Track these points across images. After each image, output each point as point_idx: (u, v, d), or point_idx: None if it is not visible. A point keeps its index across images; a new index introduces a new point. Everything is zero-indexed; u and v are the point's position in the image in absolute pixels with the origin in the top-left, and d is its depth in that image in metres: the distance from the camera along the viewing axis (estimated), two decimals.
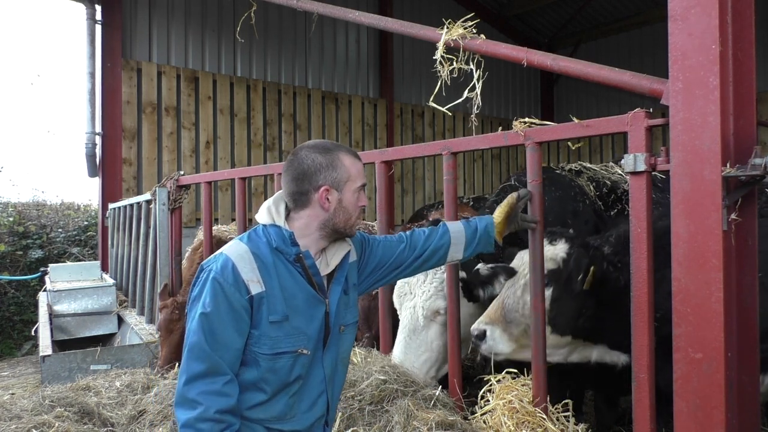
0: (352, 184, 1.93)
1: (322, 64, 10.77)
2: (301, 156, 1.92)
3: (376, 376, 2.94)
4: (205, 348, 1.72)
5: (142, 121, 8.74)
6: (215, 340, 1.74)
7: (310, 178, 1.89)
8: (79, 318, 6.23)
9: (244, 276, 1.78)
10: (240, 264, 1.80)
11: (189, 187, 5.72)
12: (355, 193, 1.95)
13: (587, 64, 2.54)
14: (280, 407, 1.85)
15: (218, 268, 1.79)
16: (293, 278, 1.87)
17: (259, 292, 1.79)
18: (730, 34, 1.98)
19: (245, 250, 1.84)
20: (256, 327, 1.80)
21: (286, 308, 1.83)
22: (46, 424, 3.15)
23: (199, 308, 1.76)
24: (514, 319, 2.71)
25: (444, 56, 3.04)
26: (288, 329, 1.84)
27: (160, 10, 9.01)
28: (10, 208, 9.74)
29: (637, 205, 2.22)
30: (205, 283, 1.79)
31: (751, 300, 2.04)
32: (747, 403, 2.05)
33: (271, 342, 1.81)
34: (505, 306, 2.75)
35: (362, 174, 1.99)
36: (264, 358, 1.81)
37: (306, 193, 1.90)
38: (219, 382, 1.73)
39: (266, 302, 1.80)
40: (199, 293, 1.79)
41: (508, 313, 2.73)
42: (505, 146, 2.99)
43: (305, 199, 1.90)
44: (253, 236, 1.91)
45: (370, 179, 11.53)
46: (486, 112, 13.14)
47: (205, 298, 1.76)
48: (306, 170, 1.89)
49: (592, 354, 2.82)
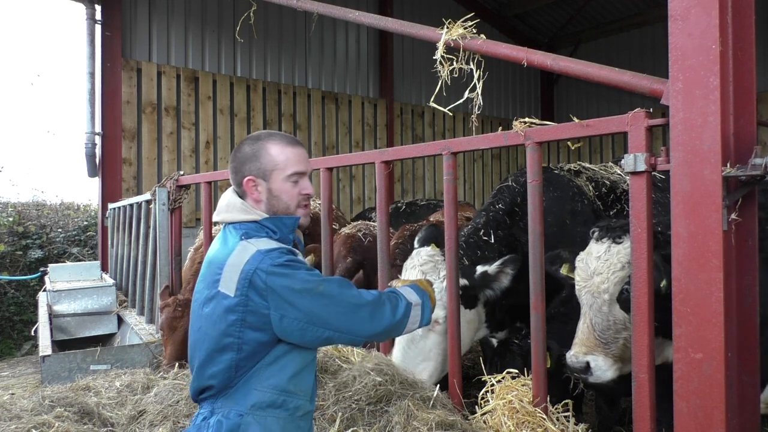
0: (280, 173, 1.91)
1: (322, 64, 10.77)
2: (237, 148, 1.97)
3: (373, 377, 2.94)
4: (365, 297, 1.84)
5: (142, 121, 8.74)
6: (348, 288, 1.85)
7: (240, 169, 1.92)
8: (79, 318, 6.23)
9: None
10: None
11: (189, 187, 5.72)
12: (287, 181, 1.92)
13: (587, 64, 2.54)
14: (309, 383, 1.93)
15: (277, 255, 1.78)
16: None
17: None
18: (730, 34, 1.98)
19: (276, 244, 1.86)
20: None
21: None
22: (46, 424, 3.15)
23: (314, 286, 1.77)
24: (610, 338, 2.49)
25: (444, 56, 3.04)
26: None
27: (160, 10, 9.01)
28: (9, 208, 9.74)
29: (637, 205, 2.22)
30: (281, 267, 1.76)
31: (751, 300, 2.04)
32: (747, 403, 2.05)
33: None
34: (596, 328, 2.51)
35: (295, 161, 1.93)
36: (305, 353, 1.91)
37: (239, 184, 1.93)
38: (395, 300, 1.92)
39: None
40: (296, 272, 1.77)
41: (601, 335, 2.50)
42: (505, 146, 2.99)
43: (241, 191, 1.94)
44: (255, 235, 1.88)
45: (370, 179, 11.43)
46: (486, 112, 13.14)
47: (305, 275, 1.78)
48: (237, 162, 1.93)
49: (670, 353, 2.46)
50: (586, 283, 2.56)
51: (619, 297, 2.47)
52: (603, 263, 2.52)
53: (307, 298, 1.76)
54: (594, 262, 2.54)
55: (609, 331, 2.48)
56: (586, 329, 2.54)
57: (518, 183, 3.56)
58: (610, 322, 2.48)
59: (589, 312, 2.54)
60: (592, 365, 2.47)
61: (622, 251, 2.48)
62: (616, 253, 2.50)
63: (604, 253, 2.54)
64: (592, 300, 2.53)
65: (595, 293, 2.52)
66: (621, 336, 2.47)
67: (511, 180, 3.72)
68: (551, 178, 3.69)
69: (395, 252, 4.19)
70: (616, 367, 2.49)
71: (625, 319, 2.45)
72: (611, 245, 2.53)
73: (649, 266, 2.19)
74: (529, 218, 2.73)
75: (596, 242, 2.61)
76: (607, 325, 2.49)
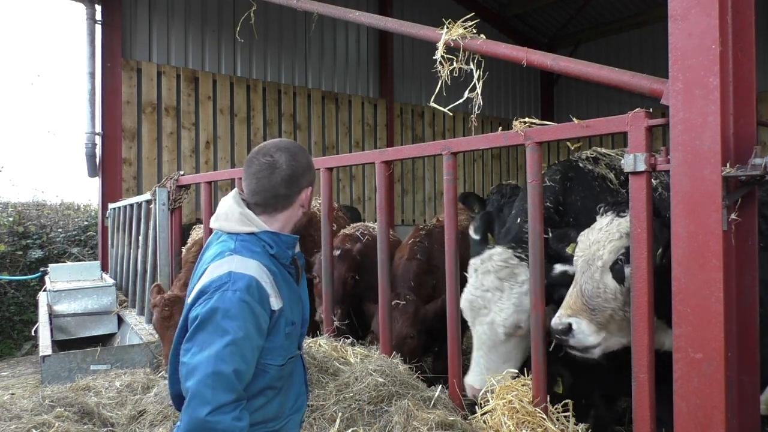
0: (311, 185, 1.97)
1: (322, 64, 10.77)
2: (282, 160, 1.85)
3: (375, 377, 2.94)
4: (233, 379, 1.62)
5: (142, 121, 8.74)
6: (245, 366, 1.66)
7: (299, 181, 1.87)
8: (79, 318, 6.23)
9: (268, 291, 1.73)
10: (262, 280, 1.72)
11: (189, 187, 5.72)
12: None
13: (587, 64, 2.54)
14: (275, 407, 1.84)
15: (243, 287, 1.67)
16: (286, 282, 1.86)
17: (280, 306, 1.76)
18: (730, 34, 1.98)
19: (257, 265, 1.75)
20: (271, 340, 1.76)
21: (292, 315, 1.83)
22: (46, 424, 3.15)
23: (224, 333, 1.63)
24: (598, 306, 2.47)
25: (444, 56, 3.04)
26: (295, 334, 1.85)
27: (160, 10, 9.01)
28: (10, 208, 9.73)
29: (637, 205, 2.22)
30: (230, 304, 1.65)
31: (751, 300, 2.04)
32: (747, 403, 2.06)
33: (284, 352, 1.80)
34: (585, 293, 2.50)
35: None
36: (275, 369, 1.78)
37: (291, 195, 1.87)
38: (239, 407, 1.66)
39: (284, 314, 1.78)
40: (217, 313, 1.65)
41: (589, 301, 2.48)
42: (505, 146, 2.99)
43: (288, 202, 1.88)
44: (249, 247, 1.80)
45: (370, 179, 11.40)
46: (486, 112, 13.14)
47: (231, 322, 1.63)
48: (293, 173, 1.86)
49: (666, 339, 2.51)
50: (583, 253, 2.57)
51: (612, 266, 2.47)
52: (603, 234, 2.53)
53: (200, 334, 1.66)
54: (595, 234, 2.55)
55: (597, 298, 2.47)
56: (575, 294, 2.55)
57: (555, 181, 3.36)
58: (600, 290, 2.47)
59: (581, 278, 2.55)
60: (574, 327, 2.46)
61: (623, 223, 2.47)
62: (617, 224, 2.50)
63: (606, 225, 2.55)
64: (586, 267, 2.54)
65: (589, 260, 2.52)
66: (609, 306, 2.46)
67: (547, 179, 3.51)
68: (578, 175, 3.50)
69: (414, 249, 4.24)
70: (600, 335, 2.46)
71: (616, 289, 2.45)
72: (614, 218, 2.54)
73: (649, 267, 2.19)
74: (529, 218, 2.74)
75: (601, 216, 2.63)
76: (597, 292, 2.48)
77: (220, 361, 1.61)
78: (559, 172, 3.30)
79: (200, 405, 1.59)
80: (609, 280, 2.47)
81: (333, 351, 3.39)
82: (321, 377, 3.10)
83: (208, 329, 1.65)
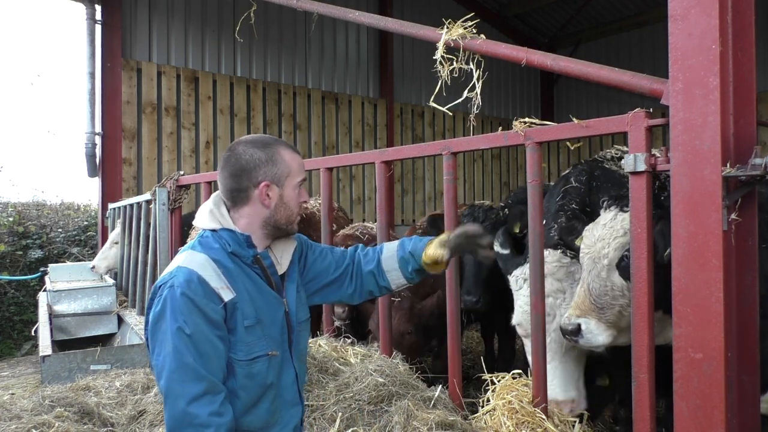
0: (292, 180, 1.87)
1: (322, 64, 10.77)
2: (238, 151, 1.84)
3: (375, 377, 2.94)
4: (197, 368, 1.64)
5: (142, 121, 8.74)
6: (205, 358, 1.66)
7: (249, 174, 1.82)
8: (79, 318, 6.22)
9: (213, 284, 1.72)
10: (205, 273, 1.72)
11: (189, 187, 5.72)
12: (296, 189, 1.89)
13: (587, 64, 2.54)
14: (262, 415, 1.81)
15: (183, 282, 1.69)
16: (252, 281, 1.83)
17: (232, 298, 1.74)
18: (730, 34, 1.98)
19: (204, 258, 1.76)
20: (232, 333, 1.76)
21: (255, 311, 1.80)
22: (46, 424, 3.15)
23: (173, 327, 1.65)
24: (606, 304, 2.46)
25: (444, 56, 3.04)
26: (259, 332, 1.81)
27: (160, 10, 9.01)
28: (10, 208, 9.73)
29: (637, 205, 2.22)
30: (171, 300, 1.68)
31: (751, 300, 2.04)
32: (747, 403, 2.05)
33: (246, 347, 1.77)
34: (592, 292, 2.48)
35: (302, 169, 1.93)
36: (240, 365, 1.76)
37: (245, 189, 1.83)
38: (217, 401, 1.66)
39: (239, 307, 1.76)
40: (165, 311, 1.68)
41: (597, 300, 2.47)
42: (505, 146, 2.99)
43: (244, 197, 1.85)
44: (205, 243, 1.82)
45: (370, 179, 11.42)
46: (486, 112, 13.14)
47: (178, 316, 1.66)
48: (244, 166, 1.82)
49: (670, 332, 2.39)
50: (589, 249, 2.55)
51: (619, 263, 2.46)
52: (608, 230, 2.50)
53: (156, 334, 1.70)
54: (600, 230, 2.53)
55: (605, 296, 2.46)
56: (582, 293, 2.52)
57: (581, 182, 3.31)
58: (607, 288, 2.46)
59: (588, 277, 2.52)
60: (583, 327, 2.44)
61: (627, 219, 2.43)
62: (621, 220, 2.48)
63: (609, 220, 2.53)
64: (592, 265, 2.51)
65: (595, 258, 2.50)
66: (617, 303, 2.44)
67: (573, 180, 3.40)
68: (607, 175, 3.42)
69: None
70: (609, 333, 2.45)
71: (623, 286, 2.43)
72: (618, 213, 2.52)
73: (650, 267, 2.19)
74: (529, 218, 2.73)
75: (604, 211, 2.61)
76: (604, 291, 2.46)
77: (179, 355, 1.64)
78: (585, 172, 3.27)
79: (175, 400, 1.63)
80: (616, 278, 2.46)
81: (333, 351, 3.39)
82: (321, 377, 3.10)
83: (161, 328, 1.68)
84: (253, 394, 1.79)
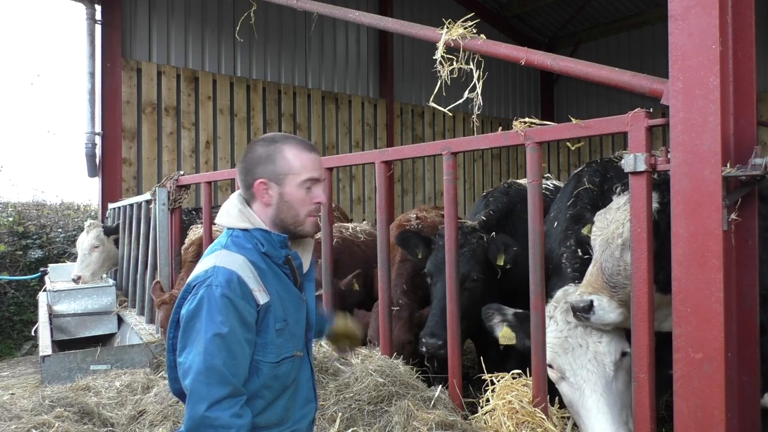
0: (295, 178, 1.82)
1: (322, 64, 10.77)
2: (249, 148, 1.88)
3: (375, 378, 2.94)
4: (225, 372, 1.64)
5: (142, 121, 8.74)
6: (234, 361, 1.66)
7: (251, 171, 1.84)
8: (79, 318, 6.23)
9: (251, 286, 1.72)
10: (244, 275, 1.72)
11: (189, 187, 5.72)
12: (301, 188, 1.83)
13: (587, 64, 2.54)
14: (279, 412, 1.82)
15: (223, 282, 1.68)
16: (281, 281, 1.84)
17: (267, 301, 1.75)
18: (730, 34, 1.98)
19: (243, 260, 1.76)
20: (262, 336, 1.75)
21: (284, 313, 1.81)
22: (46, 424, 3.15)
23: (209, 328, 1.64)
24: (618, 283, 2.46)
25: (444, 56, 3.04)
26: (287, 334, 1.82)
27: (160, 10, 9.01)
28: (10, 208, 9.74)
29: (637, 205, 2.22)
30: (209, 300, 1.67)
31: (751, 300, 2.04)
32: (747, 403, 2.05)
33: (276, 350, 1.78)
34: (605, 271, 2.48)
35: (311, 167, 1.85)
36: (268, 366, 1.76)
37: (249, 187, 1.85)
38: (239, 403, 1.66)
39: (272, 310, 1.77)
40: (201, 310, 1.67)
41: (610, 279, 2.47)
42: (505, 146, 2.99)
43: (250, 194, 1.86)
44: (239, 243, 1.81)
45: (370, 179, 11.38)
46: (486, 112, 13.14)
47: (215, 316, 1.64)
48: (248, 163, 1.85)
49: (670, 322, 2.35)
50: (601, 232, 2.56)
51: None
52: (622, 213, 2.52)
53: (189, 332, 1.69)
54: (613, 213, 2.53)
55: (618, 276, 2.46)
56: (595, 272, 2.53)
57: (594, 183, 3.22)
58: (620, 267, 2.46)
59: (601, 257, 2.53)
60: (596, 304, 2.44)
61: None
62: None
63: (624, 204, 2.54)
64: (605, 245, 2.52)
65: (609, 239, 2.51)
66: (629, 283, 2.41)
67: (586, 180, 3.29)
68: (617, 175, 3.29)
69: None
70: (620, 312, 2.44)
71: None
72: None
73: (650, 267, 2.19)
74: (529, 218, 2.73)
75: (617, 196, 2.62)
76: (617, 270, 2.47)
77: (209, 356, 1.63)
78: (599, 173, 3.25)
79: (197, 402, 1.62)
80: (629, 258, 2.44)
81: (334, 351, 3.39)
82: (321, 377, 3.10)
83: (195, 326, 1.67)
84: (276, 393, 1.80)
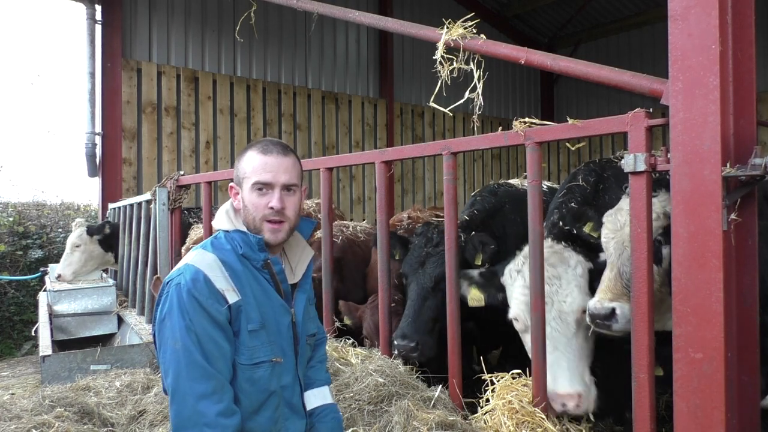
0: (247, 181, 1.84)
1: (322, 64, 10.77)
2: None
3: (375, 378, 2.94)
4: (205, 366, 1.64)
5: (142, 121, 8.74)
6: (210, 355, 1.66)
7: (236, 175, 1.91)
8: (79, 318, 6.22)
9: (219, 286, 1.73)
10: (212, 274, 1.73)
11: (189, 187, 5.72)
12: (252, 191, 1.82)
13: (587, 64, 2.54)
14: (265, 423, 1.80)
15: (188, 281, 1.69)
16: (260, 286, 1.83)
17: (236, 300, 1.74)
18: (730, 34, 1.98)
19: (213, 259, 1.77)
20: (236, 336, 1.76)
21: (260, 316, 1.79)
22: (46, 424, 3.15)
23: (182, 324, 1.66)
24: None
25: (444, 56, 3.04)
26: (264, 338, 1.80)
27: (160, 10, 9.01)
28: (10, 208, 9.74)
29: (637, 205, 2.22)
30: (178, 299, 1.68)
31: (751, 300, 2.04)
32: (747, 403, 2.05)
33: (249, 351, 1.76)
34: (624, 276, 2.44)
35: (260, 170, 1.81)
36: (242, 368, 1.75)
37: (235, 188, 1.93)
38: (225, 400, 1.66)
39: (243, 310, 1.76)
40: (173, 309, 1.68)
41: (629, 284, 2.40)
42: (505, 146, 2.99)
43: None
44: (217, 244, 1.84)
45: (370, 179, 11.35)
46: (486, 112, 13.14)
47: (185, 315, 1.66)
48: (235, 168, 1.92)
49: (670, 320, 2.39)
50: (615, 235, 2.52)
51: None
52: None
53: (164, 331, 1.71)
54: (625, 215, 2.50)
55: None
56: (613, 277, 2.48)
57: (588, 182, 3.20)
58: None
59: (618, 261, 2.49)
60: (618, 312, 2.39)
61: (656, 203, 2.38)
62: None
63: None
64: (621, 249, 2.48)
65: (625, 243, 2.46)
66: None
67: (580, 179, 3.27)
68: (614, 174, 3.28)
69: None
70: None
71: (654, 270, 2.38)
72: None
73: (650, 267, 2.19)
74: (529, 218, 2.73)
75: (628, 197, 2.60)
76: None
77: (187, 353, 1.64)
78: (594, 172, 3.22)
79: (182, 398, 1.64)
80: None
81: (334, 351, 3.39)
82: None
83: (167, 325, 1.69)
84: (254, 401, 1.77)
